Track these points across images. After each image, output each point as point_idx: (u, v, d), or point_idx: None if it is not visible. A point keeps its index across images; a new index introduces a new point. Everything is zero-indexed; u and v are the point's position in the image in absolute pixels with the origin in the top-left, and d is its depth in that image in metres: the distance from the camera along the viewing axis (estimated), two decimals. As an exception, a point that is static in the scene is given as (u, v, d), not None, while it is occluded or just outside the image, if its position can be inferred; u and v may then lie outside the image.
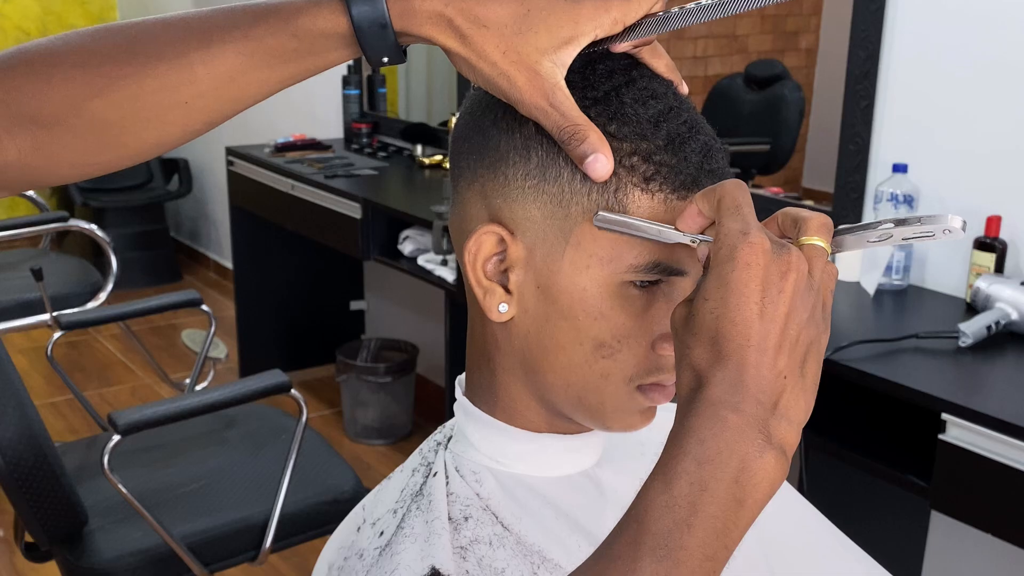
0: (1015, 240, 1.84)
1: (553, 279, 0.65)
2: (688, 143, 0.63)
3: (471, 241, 0.66)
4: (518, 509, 0.70)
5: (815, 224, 0.55)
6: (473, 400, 0.74)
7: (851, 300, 1.98)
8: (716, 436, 0.52)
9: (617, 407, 0.68)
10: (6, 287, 2.89)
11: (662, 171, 0.62)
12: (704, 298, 0.53)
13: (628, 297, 0.64)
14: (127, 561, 1.76)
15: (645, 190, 0.62)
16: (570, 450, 0.73)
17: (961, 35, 1.89)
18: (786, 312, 0.52)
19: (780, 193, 2.29)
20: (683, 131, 0.63)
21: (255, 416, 2.24)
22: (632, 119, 0.63)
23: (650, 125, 0.63)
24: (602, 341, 0.65)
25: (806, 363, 0.54)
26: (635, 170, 0.62)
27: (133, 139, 0.62)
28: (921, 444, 1.59)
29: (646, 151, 0.62)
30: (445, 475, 0.72)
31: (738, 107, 2.49)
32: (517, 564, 0.68)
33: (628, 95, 0.63)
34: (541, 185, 0.64)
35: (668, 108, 0.64)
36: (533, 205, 0.64)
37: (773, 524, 0.82)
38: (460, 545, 0.67)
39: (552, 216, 0.64)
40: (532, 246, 0.65)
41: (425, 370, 3.49)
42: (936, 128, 1.96)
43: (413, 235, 2.72)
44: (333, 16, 0.58)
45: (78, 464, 2.00)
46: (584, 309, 0.65)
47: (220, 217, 4.72)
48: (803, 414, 0.54)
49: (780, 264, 0.52)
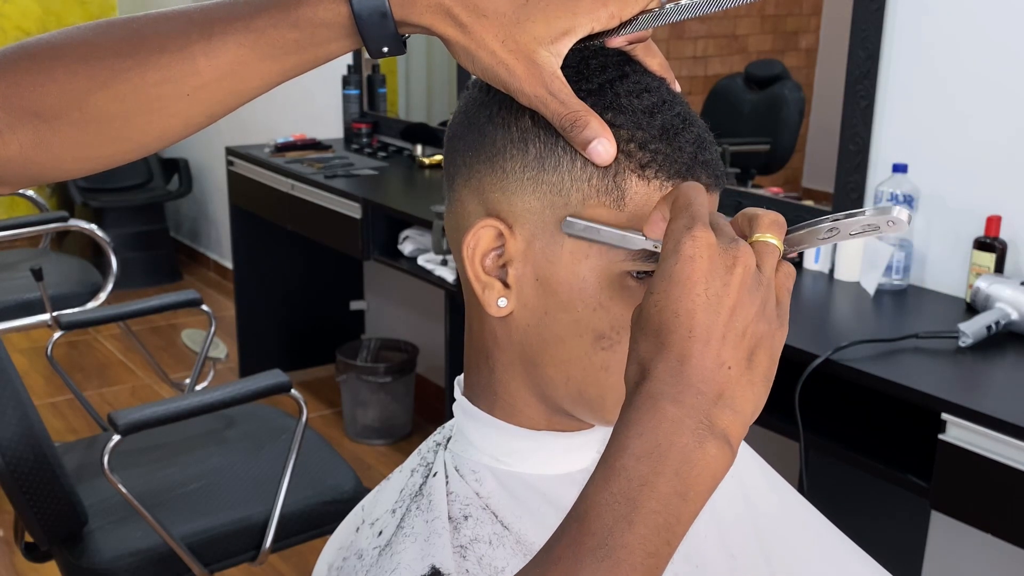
0: (1015, 240, 1.84)
1: (552, 270, 0.66)
2: (682, 134, 0.64)
3: (469, 236, 0.67)
4: (518, 508, 0.71)
5: (766, 221, 0.56)
6: (472, 400, 0.74)
7: (851, 300, 1.98)
8: (654, 429, 0.52)
9: (618, 400, 0.68)
10: (6, 287, 2.89)
11: (658, 158, 0.63)
12: (650, 292, 0.53)
13: (626, 288, 0.65)
14: (127, 561, 1.76)
15: (642, 176, 0.63)
16: (570, 448, 0.73)
17: (961, 35, 1.89)
18: (732, 305, 0.52)
19: (780, 193, 2.29)
20: (677, 123, 0.64)
21: (255, 416, 2.24)
22: (627, 109, 0.64)
23: (645, 115, 0.64)
24: (601, 332, 0.66)
25: (754, 356, 0.53)
26: (632, 156, 0.63)
27: (136, 132, 0.62)
28: (921, 444, 1.59)
29: (642, 139, 0.63)
30: (445, 475, 0.72)
31: (738, 107, 2.49)
32: (517, 563, 0.68)
33: (622, 88, 0.64)
34: (540, 175, 0.65)
35: (661, 101, 0.65)
36: (532, 196, 0.65)
37: (774, 525, 0.82)
38: (460, 544, 0.68)
39: (552, 205, 0.65)
40: (531, 238, 0.66)
41: (425, 370, 3.49)
42: (936, 128, 1.96)
43: (413, 235, 2.72)
44: (334, 5, 0.59)
45: (78, 464, 2.00)
46: (583, 300, 0.65)
47: (220, 217, 4.72)
48: (750, 406, 0.53)
49: (726, 258, 0.52)
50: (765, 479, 0.85)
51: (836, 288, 2.03)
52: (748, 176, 2.41)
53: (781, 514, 0.83)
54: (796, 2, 2.39)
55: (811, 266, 2.11)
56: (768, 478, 0.86)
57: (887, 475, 1.62)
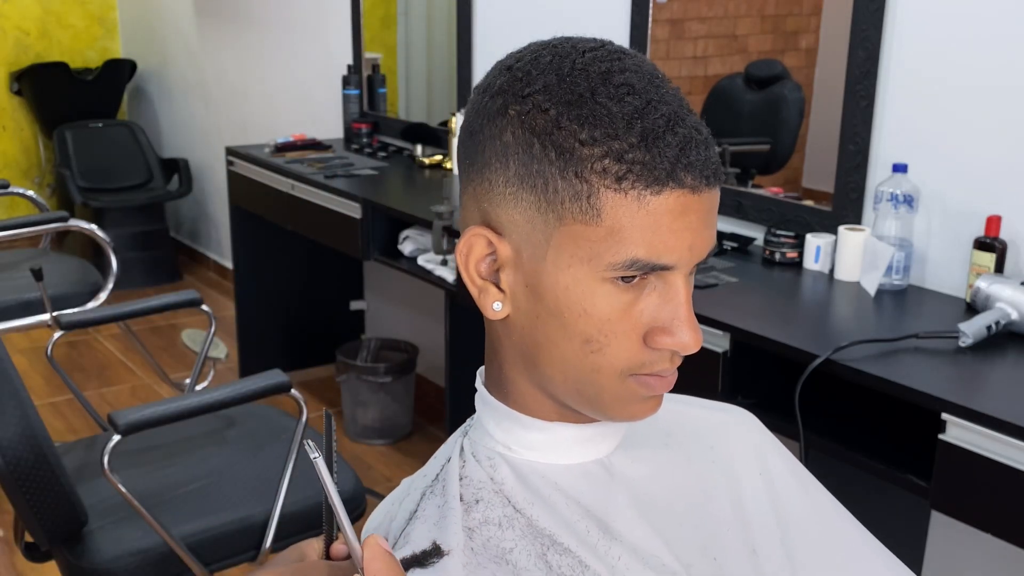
0: (1015, 240, 1.84)
1: (539, 279, 0.67)
2: (663, 137, 0.64)
3: (462, 242, 0.69)
4: (530, 495, 0.73)
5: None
6: (490, 389, 0.76)
7: (851, 300, 1.98)
8: None
9: (615, 398, 0.70)
10: (6, 287, 2.89)
11: (635, 169, 0.63)
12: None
13: (612, 294, 0.66)
14: (127, 561, 1.76)
15: (618, 190, 0.64)
16: (581, 440, 0.75)
17: (961, 35, 1.89)
18: None
19: (780, 193, 2.30)
20: (659, 125, 0.64)
21: (255, 416, 2.24)
22: (604, 119, 0.64)
23: (623, 122, 0.64)
24: (589, 337, 0.67)
25: None
26: (607, 173, 0.64)
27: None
28: (921, 444, 1.59)
29: (618, 150, 0.64)
30: (461, 459, 0.75)
31: (738, 107, 2.49)
32: (525, 545, 0.70)
33: (603, 94, 0.65)
34: (519, 192, 0.66)
35: (645, 103, 0.65)
36: (515, 210, 0.67)
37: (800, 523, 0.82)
38: (468, 526, 0.71)
39: (532, 220, 0.66)
40: (518, 247, 0.68)
41: (425, 370, 3.49)
42: (936, 128, 1.96)
43: (413, 235, 2.72)
44: None
45: (78, 464, 2.00)
46: (568, 307, 0.67)
47: (220, 217, 4.72)
48: None
49: None
50: (795, 478, 0.86)
51: (836, 288, 2.03)
52: (748, 176, 2.41)
53: (808, 513, 0.84)
54: (796, 2, 2.39)
55: (811, 266, 2.11)
56: (798, 477, 0.86)
57: (887, 475, 1.62)
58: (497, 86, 0.68)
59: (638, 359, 0.68)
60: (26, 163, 5.26)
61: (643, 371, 0.69)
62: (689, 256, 0.66)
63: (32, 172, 5.28)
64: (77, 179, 4.72)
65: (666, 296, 0.67)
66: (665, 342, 0.67)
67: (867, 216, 2.07)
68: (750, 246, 2.27)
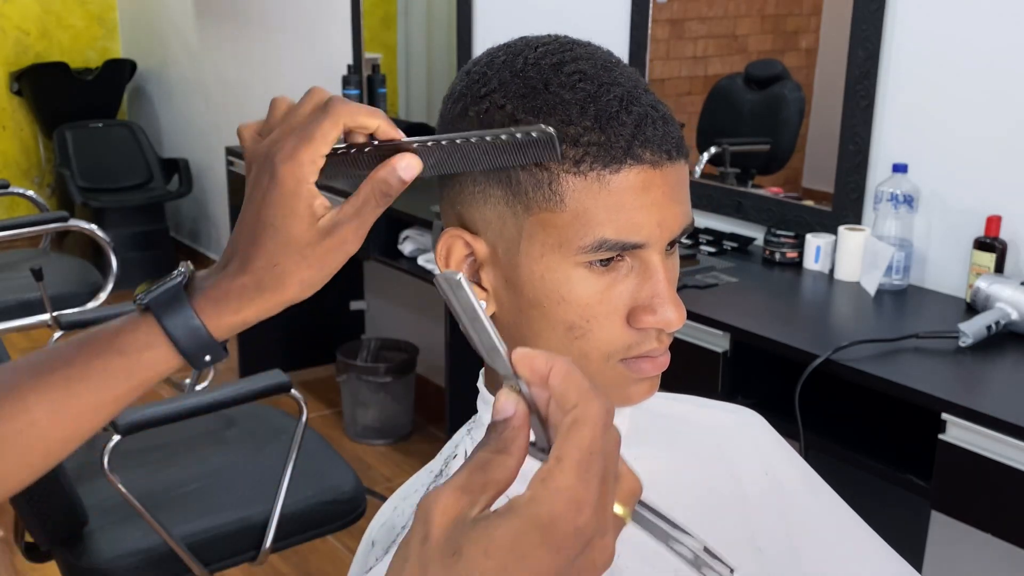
0: (1015, 240, 1.84)
1: (516, 272, 0.68)
2: (617, 117, 0.65)
3: (440, 244, 0.71)
4: None
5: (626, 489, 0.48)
6: (489, 389, 0.77)
7: (851, 300, 1.98)
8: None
9: (608, 383, 0.70)
10: (6, 287, 2.89)
11: (591, 150, 0.64)
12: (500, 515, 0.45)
13: (587, 278, 0.67)
14: (127, 561, 1.76)
15: (577, 173, 0.65)
16: None
17: (961, 35, 1.89)
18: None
19: (780, 193, 2.30)
20: (613, 106, 0.65)
21: (255, 416, 2.24)
22: (558, 108, 0.65)
23: (576, 108, 0.65)
24: (571, 323, 0.68)
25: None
26: (565, 158, 0.65)
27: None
28: (921, 444, 1.59)
29: (574, 135, 0.65)
30: (465, 456, 0.75)
31: (738, 107, 2.49)
32: None
33: (555, 84, 0.66)
34: (487, 189, 0.67)
35: (597, 87, 0.66)
36: (486, 207, 0.68)
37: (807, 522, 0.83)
38: None
39: (502, 215, 0.67)
40: (494, 244, 0.69)
41: (425, 370, 3.49)
42: (936, 128, 1.96)
43: (413, 235, 2.72)
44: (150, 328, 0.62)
45: (78, 464, 2.00)
46: (546, 295, 0.67)
47: (220, 217, 4.72)
48: None
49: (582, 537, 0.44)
50: (802, 479, 0.86)
51: (836, 288, 2.03)
52: (748, 176, 2.41)
53: (816, 514, 0.84)
54: (796, 2, 2.39)
55: (811, 266, 2.11)
56: (806, 478, 0.86)
57: (887, 475, 1.62)
58: (457, 91, 0.70)
59: (623, 341, 0.68)
60: (26, 163, 5.26)
61: (631, 354, 0.69)
62: (659, 233, 0.66)
63: (32, 172, 5.28)
64: (77, 179, 4.72)
65: (644, 275, 0.67)
66: (648, 321, 0.67)
67: (867, 216, 2.07)
68: (750, 246, 2.27)
